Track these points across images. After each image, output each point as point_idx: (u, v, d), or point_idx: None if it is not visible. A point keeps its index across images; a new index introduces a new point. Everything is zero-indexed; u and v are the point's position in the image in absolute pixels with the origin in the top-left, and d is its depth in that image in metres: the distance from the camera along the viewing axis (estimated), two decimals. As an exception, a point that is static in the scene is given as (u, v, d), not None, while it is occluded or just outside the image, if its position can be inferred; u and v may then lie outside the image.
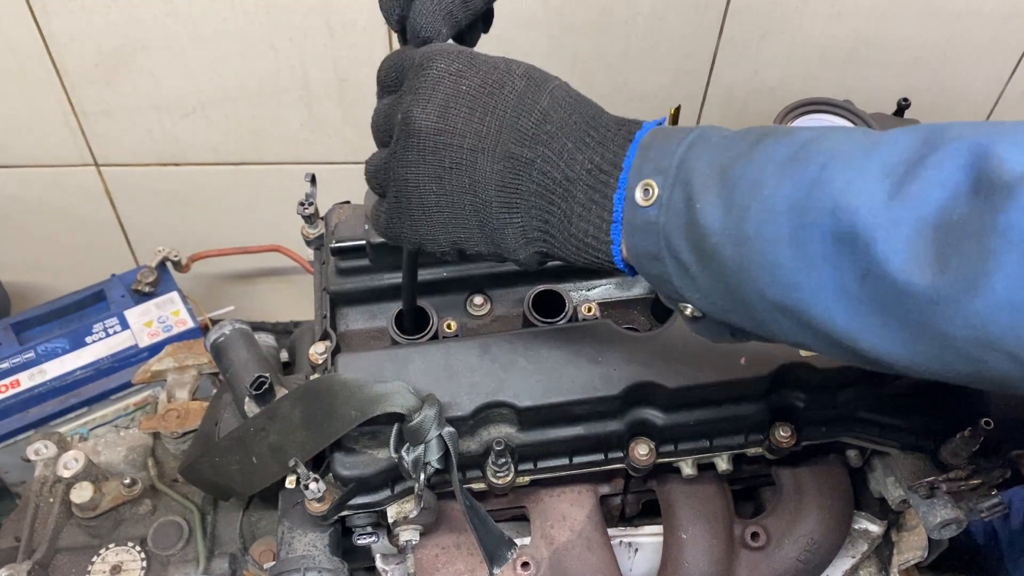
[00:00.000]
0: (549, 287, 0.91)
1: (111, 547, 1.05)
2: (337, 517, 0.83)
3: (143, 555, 1.05)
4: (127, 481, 1.07)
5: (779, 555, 0.93)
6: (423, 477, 0.76)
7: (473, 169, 0.62)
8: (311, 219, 0.94)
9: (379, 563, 0.92)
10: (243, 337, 0.96)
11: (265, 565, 1.03)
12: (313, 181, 0.94)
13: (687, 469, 0.87)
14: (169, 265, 1.59)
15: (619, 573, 0.90)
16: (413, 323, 0.87)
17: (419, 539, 0.85)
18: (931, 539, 1.02)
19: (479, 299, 0.94)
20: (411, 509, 0.82)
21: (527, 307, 0.89)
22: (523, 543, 0.91)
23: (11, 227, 1.66)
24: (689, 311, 0.60)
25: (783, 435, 0.85)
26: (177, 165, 1.58)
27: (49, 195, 1.61)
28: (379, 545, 0.91)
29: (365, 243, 0.88)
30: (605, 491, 0.95)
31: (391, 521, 0.84)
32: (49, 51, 1.39)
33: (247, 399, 0.87)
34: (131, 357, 1.45)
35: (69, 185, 1.60)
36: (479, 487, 0.85)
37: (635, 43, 1.44)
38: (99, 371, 1.43)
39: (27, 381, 1.41)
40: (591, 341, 0.83)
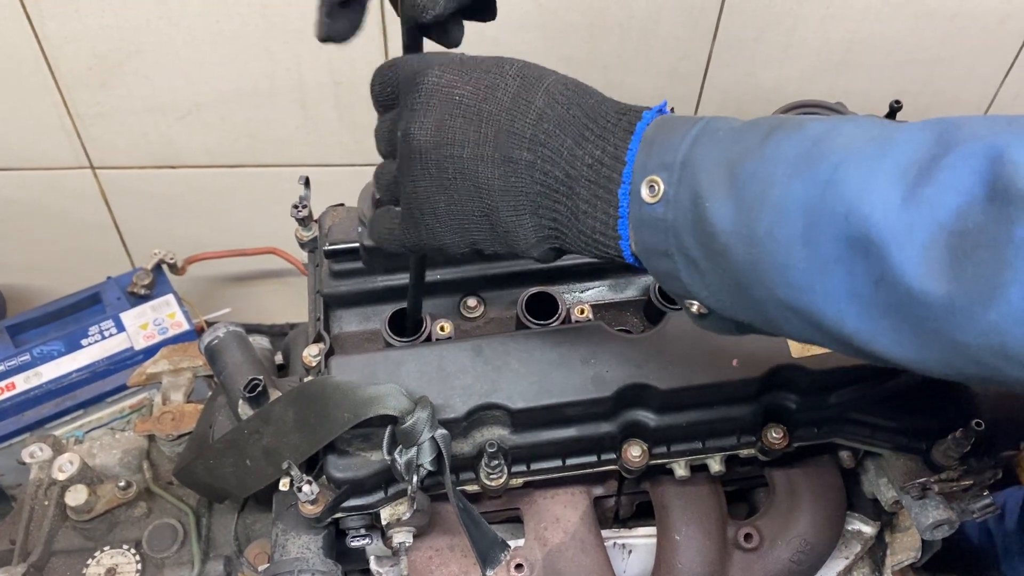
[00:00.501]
0: (542, 289, 0.91)
1: (106, 550, 1.06)
2: (331, 519, 0.83)
3: (138, 558, 1.05)
4: (122, 484, 1.07)
5: (772, 556, 0.93)
6: (416, 479, 0.77)
7: (476, 176, 0.62)
8: (305, 222, 0.94)
9: (373, 565, 0.93)
10: (237, 339, 0.96)
11: (260, 567, 1.03)
12: (307, 184, 0.94)
13: (680, 470, 0.87)
14: (165, 267, 1.59)
15: (613, 574, 0.90)
16: (407, 326, 0.88)
17: (412, 541, 0.85)
18: (924, 540, 1.02)
19: (473, 301, 0.95)
20: (404, 511, 0.83)
21: (520, 309, 0.89)
22: (517, 545, 0.91)
23: (7, 230, 1.66)
24: (695, 308, 0.60)
25: (775, 436, 0.85)
26: (173, 168, 1.58)
27: (45, 198, 1.61)
28: (373, 547, 0.91)
29: (359, 245, 0.88)
30: (599, 493, 0.95)
31: (384, 523, 0.84)
32: (44, 53, 1.39)
33: (241, 401, 0.88)
34: (127, 360, 1.45)
35: (65, 188, 1.60)
36: (472, 489, 0.85)
37: (630, 45, 1.44)
38: (95, 374, 1.43)
39: (23, 384, 1.41)
40: (584, 343, 0.83)
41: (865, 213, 0.46)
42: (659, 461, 0.86)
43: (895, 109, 1.02)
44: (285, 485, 0.80)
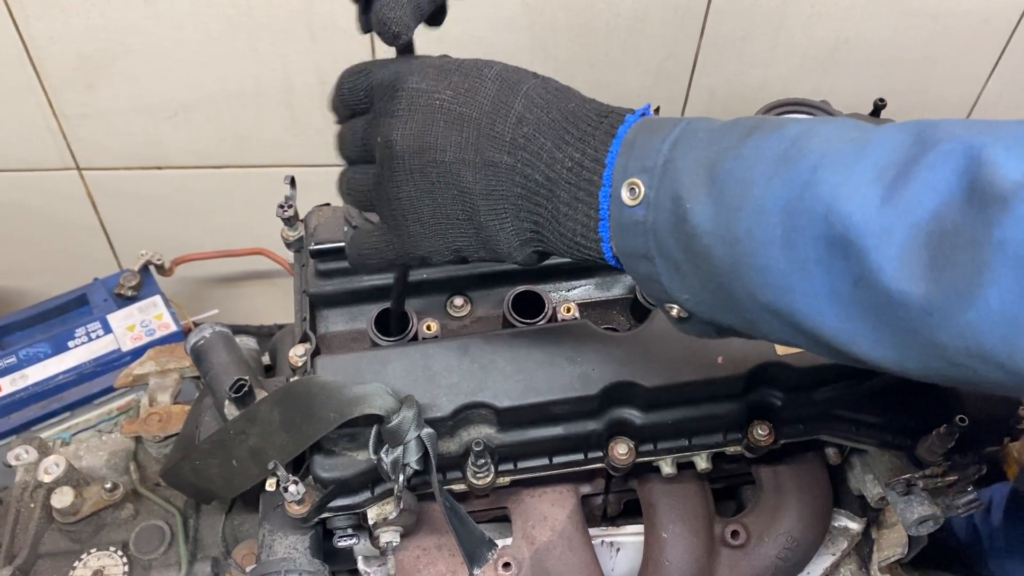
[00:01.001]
0: (529, 288, 0.91)
1: (92, 552, 1.05)
2: (317, 519, 0.83)
3: (125, 560, 1.05)
4: (108, 486, 1.07)
5: (759, 553, 0.93)
6: (402, 478, 0.77)
7: (459, 180, 0.62)
8: (291, 221, 0.94)
9: (361, 565, 0.92)
10: (223, 340, 0.96)
11: (247, 568, 1.03)
12: (293, 184, 0.94)
13: (667, 468, 0.88)
14: (152, 269, 1.58)
15: (600, 572, 0.90)
16: (395, 325, 0.88)
17: (400, 541, 0.85)
18: (910, 536, 1.03)
19: (459, 300, 0.95)
20: (391, 511, 0.83)
21: (507, 308, 0.89)
22: (505, 544, 0.91)
23: (-8, 231, 1.65)
24: (676, 312, 0.60)
25: (761, 433, 0.85)
26: (159, 168, 1.58)
27: (30, 199, 1.60)
28: (361, 547, 0.91)
29: (344, 245, 0.88)
30: (586, 491, 0.95)
31: (371, 523, 0.84)
32: (29, 54, 1.38)
33: (227, 402, 0.87)
34: (114, 361, 1.44)
35: (50, 189, 1.59)
36: (460, 488, 0.85)
37: (616, 45, 1.45)
38: (82, 375, 1.42)
39: (9, 386, 1.40)
40: (570, 341, 0.83)
41: (844, 213, 0.46)
42: (646, 459, 0.86)
43: (879, 107, 1.03)
44: (271, 485, 0.80)
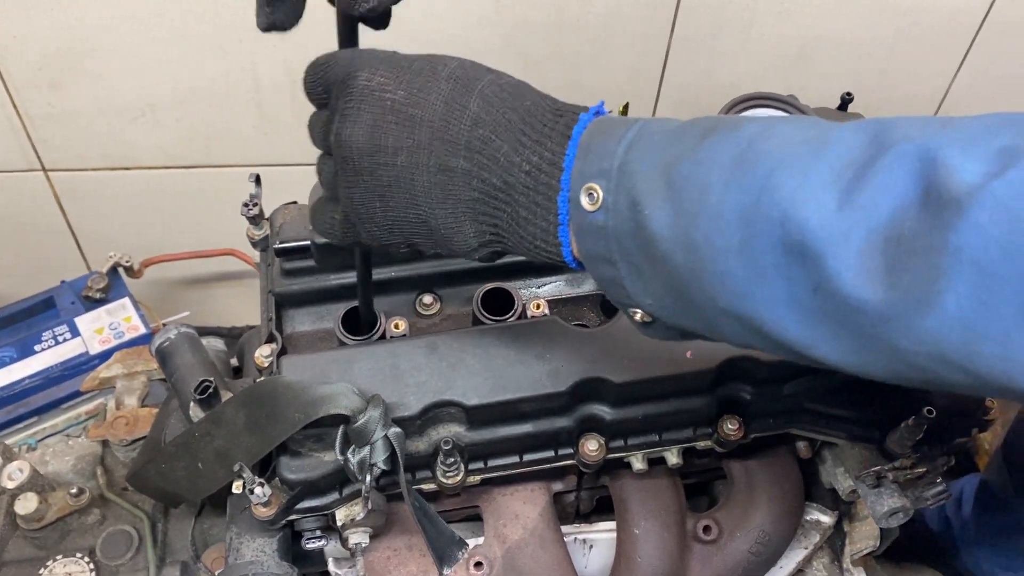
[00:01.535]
0: (498, 285, 0.91)
1: (59, 559, 1.03)
2: (285, 521, 0.82)
3: (92, 566, 1.03)
4: (74, 491, 1.05)
5: (731, 548, 0.93)
6: (369, 479, 0.76)
7: (412, 185, 0.61)
8: (256, 220, 0.93)
9: (331, 567, 0.92)
10: (189, 341, 0.95)
11: (217, 572, 1.02)
12: (258, 181, 0.92)
13: (637, 464, 0.87)
14: (121, 271, 1.56)
15: (572, 570, 0.90)
16: (362, 324, 0.87)
17: (369, 542, 0.84)
18: (881, 528, 1.03)
19: (428, 298, 0.94)
20: (359, 511, 0.82)
21: (476, 306, 0.89)
22: (476, 543, 0.90)
23: (-43, 234, 1.63)
24: (639, 316, 0.59)
25: (731, 428, 0.85)
26: (127, 169, 1.56)
27: (-5, 201, 1.58)
28: (331, 549, 0.90)
29: (310, 243, 0.87)
30: (558, 488, 0.95)
31: (340, 524, 0.83)
32: (-9, 54, 1.36)
33: (192, 404, 0.86)
34: (82, 365, 1.42)
35: (16, 190, 1.56)
36: (430, 487, 0.85)
37: (588, 43, 1.45)
38: (49, 379, 1.40)
39: (-26, 392, 1.38)
40: (539, 338, 0.83)
41: (801, 219, 0.46)
42: (616, 455, 0.86)
43: (847, 101, 1.03)
44: (238, 488, 0.79)
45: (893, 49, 1.49)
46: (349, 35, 0.64)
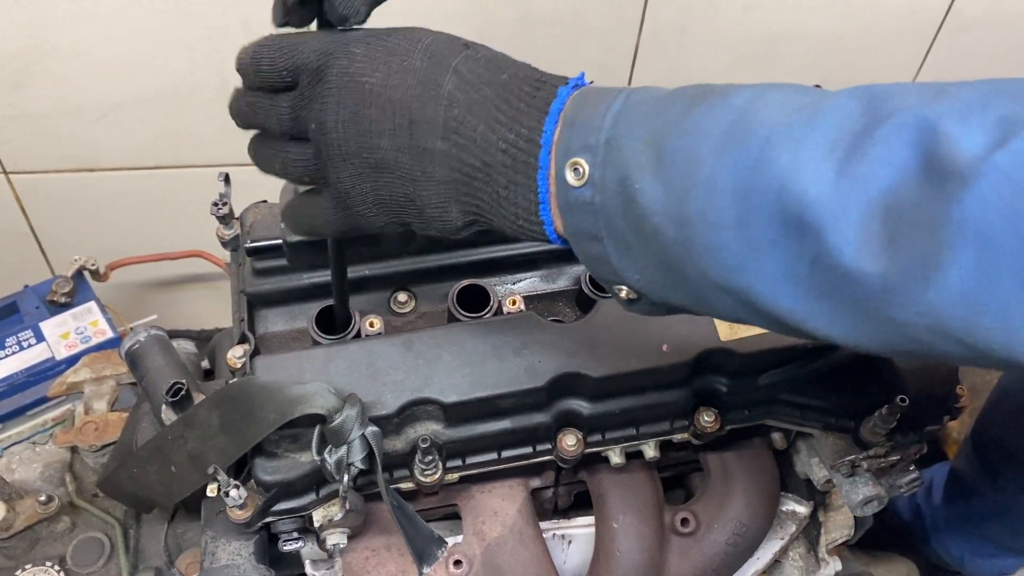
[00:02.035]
0: (474, 282, 0.90)
1: (28, 568, 1.01)
2: (261, 524, 0.81)
3: (63, 574, 1.01)
4: (42, 498, 1.03)
5: (709, 540, 0.94)
6: (347, 479, 0.75)
7: (397, 167, 0.60)
8: (226, 219, 0.91)
9: (308, 569, 0.90)
10: (159, 344, 0.93)
11: (191, 577, 1.00)
12: (227, 181, 0.91)
13: (615, 458, 0.87)
14: (87, 274, 1.53)
15: (551, 565, 0.90)
16: (336, 322, 0.86)
17: (347, 542, 0.84)
18: (856, 517, 1.04)
19: (403, 296, 0.93)
20: (337, 512, 0.81)
21: (452, 302, 0.88)
22: (455, 541, 0.90)
23: (-85, 240, 1.59)
24: (625, 293, 0.58)
25: (707, 420, 0.86)
26: (91, 171, 1.53)
27: (-46, 205, 1.55)
28: (308, 550, 0.89)
29: (282, 242, 0.86)
30: (536, 484, 0.94)
31: (317, 525, 0.82)
32: (-52, 53, 1.33)
33: (164, 407, 0.85)
34: (48, 370, 1.39)
35: (-24, 194, 1.53)
36: (407, 486, 0.84)
37: (557, 38, 1.45)
38: (13, 386, 1.37)
39: (-64, 400, 1.35)
40: (515, 334, 0.82)
41: (798, 192, 0.45)
42: (594, 449, 0.86)
43: (815, 95, 1.04)
44: (212, 491, 0.78)
45: (858, 44, 1.51)
46: (318, 15, 0.63)
